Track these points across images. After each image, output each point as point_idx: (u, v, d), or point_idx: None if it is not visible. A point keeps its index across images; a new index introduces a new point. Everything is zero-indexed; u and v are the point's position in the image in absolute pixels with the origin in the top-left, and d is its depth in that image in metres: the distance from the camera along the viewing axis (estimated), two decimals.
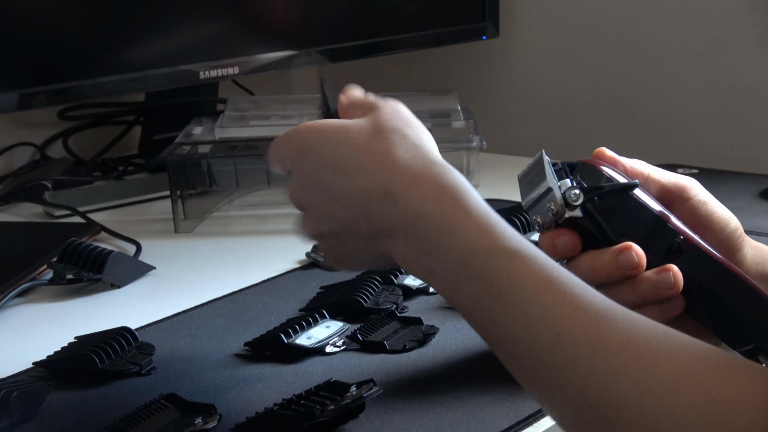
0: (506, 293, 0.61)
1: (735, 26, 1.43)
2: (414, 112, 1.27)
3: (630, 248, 0.69)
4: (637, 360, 0.57)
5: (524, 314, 0.60)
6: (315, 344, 0.81)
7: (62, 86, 1.21)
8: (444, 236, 0.63)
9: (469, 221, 0.63)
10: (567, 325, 0.59)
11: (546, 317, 0.59)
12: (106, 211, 1.27)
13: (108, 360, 0.79)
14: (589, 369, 0.57)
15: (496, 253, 0.62)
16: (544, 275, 0.61)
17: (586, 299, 0.60)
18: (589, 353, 0.58)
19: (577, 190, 0.69)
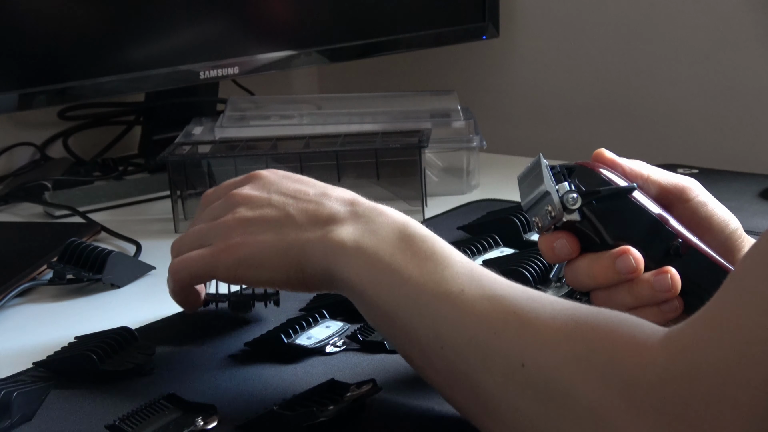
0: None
1: (735, 26, 1.43)
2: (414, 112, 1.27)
3: (628, 252, 0.69)
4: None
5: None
6: (315, 344, 0.81)
7: (62, 86, 1.21)
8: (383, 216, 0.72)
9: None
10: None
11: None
12: (106, 211, 1.27)
13: (108, 360, 0.79)
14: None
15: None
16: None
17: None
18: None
19: (574, 194, 0.69)
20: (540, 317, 0.60)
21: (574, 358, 0.57)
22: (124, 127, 1.50)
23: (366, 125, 1.26)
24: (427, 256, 0.68)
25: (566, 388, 0.57)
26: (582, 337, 0.58)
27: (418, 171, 1.15)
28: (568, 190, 0.69)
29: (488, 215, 1.08)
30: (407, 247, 0.69)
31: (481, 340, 0.61)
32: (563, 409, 0.57)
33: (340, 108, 1.32)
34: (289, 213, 0.75)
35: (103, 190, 1.31)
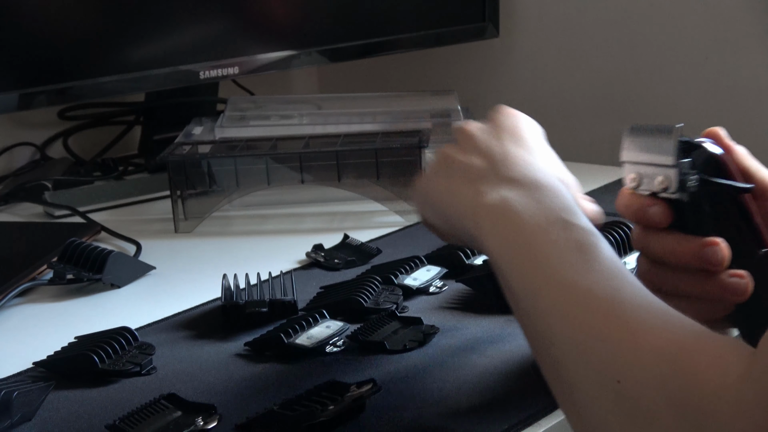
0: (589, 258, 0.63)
1: (735, 26, 1.43)
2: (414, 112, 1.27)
3: (718, 244, 0.69)
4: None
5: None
6: (315, 344, 0.81)
7: (62, 86, 1.21)
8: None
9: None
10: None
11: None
12: (106, 211, 1.27)
13: (108, 360, 0.79)
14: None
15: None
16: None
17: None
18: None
19: (696, 176, 0.69)
20: (646, 331, 0.58)
21: (660, 379, 0.55)
22: (124, 127, 1.51)
23: (366, 125, 1.26)
24: (576, 245, 0.64)
25: (650, 410, 0.55)
26: (670, 357, 0.56)
27: (418, 171, 1.15)
28: (689, 171, 0.69)
29: None
30: (561, 232, 0.65)
31: (589, 345, 0.59)
32: (648, 430, 0.55)
33: (340, 108, 1.32)
34: (470, 165, 0.72)
35: (103, 190, 1.31)
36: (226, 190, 1.17)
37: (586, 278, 0.62)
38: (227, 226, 1.18)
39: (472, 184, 0.70)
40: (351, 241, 1.07)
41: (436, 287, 0.94)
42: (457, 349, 0.81)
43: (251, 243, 1.12)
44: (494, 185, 0.69)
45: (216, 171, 1.17)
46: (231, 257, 1.08)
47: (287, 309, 0.88)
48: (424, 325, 0.84)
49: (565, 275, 0.62)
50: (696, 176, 0.69)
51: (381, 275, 0.93)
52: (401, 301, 0.90)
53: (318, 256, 1.03)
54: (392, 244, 1.07)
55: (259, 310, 0.88)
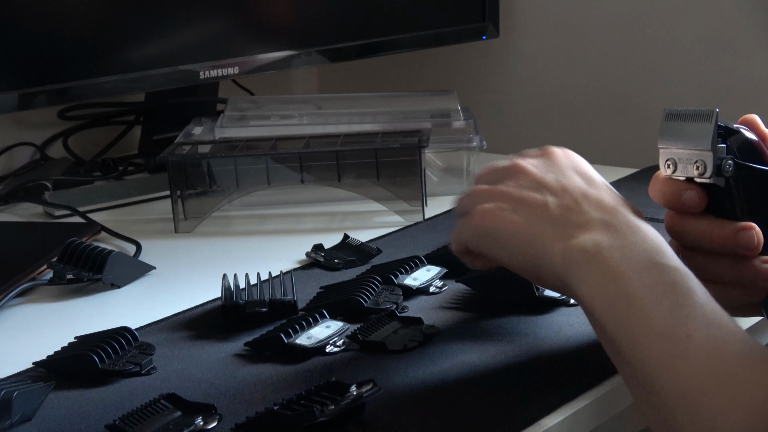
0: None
1: (735, 26, 1.43)
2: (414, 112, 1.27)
3: (753, 229, 0.69)
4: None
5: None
6: (315, 344, 0.81)
7: (62, 86, 1.21)
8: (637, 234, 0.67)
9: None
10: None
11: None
12: (106, 211, 1.27)
13: (108, 360, 0.79)
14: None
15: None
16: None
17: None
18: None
19: (731, 161, 0.68)
20: (750, 384, 0.58)
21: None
22: (124, 127, 1.51)
23: (366, 125, 1.26)
24: (671, 289, 0.63)
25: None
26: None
27: (418, 171, 1.15)
28: (726, 156, 0.69)
29: None
30: (654, 274, 0.64)
31: (692, 399, 0.58)
32: None
33: (340, 108, 1.32)
34: (545, 203, 0.71)
35: (103, 190, 1.31)
36: (226, 190, 1.17)
37: (684, 326, 0.61)
38: (227, 226, 1.18)
39: (558, 226, 0.69)
40: (351, 241, 1.07)
41: (436, 287, 0.94)
42: (457, 349, 0.81)
43: (251, 243, 1.12)
44: (583, 228, 0.68)
45: (216, 171, 1.17)
46: (231, 257, 1.08)
47: (287, 309, 0.88)
48: (424, 325, 0.84)
49: (663, 324, 0.62)
50: (732, 161, 0.68)
51: (381, 275, 0.93)
52: (401, 301, 0.90)
53: (318, 256, 1.03)
54: (392, 244, 1.07)
55: (259, 310, 0.88)
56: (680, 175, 0.70)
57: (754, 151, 0.70)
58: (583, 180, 0.73)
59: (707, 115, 0.69)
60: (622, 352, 0.63)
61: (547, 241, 0.69)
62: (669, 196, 0.71)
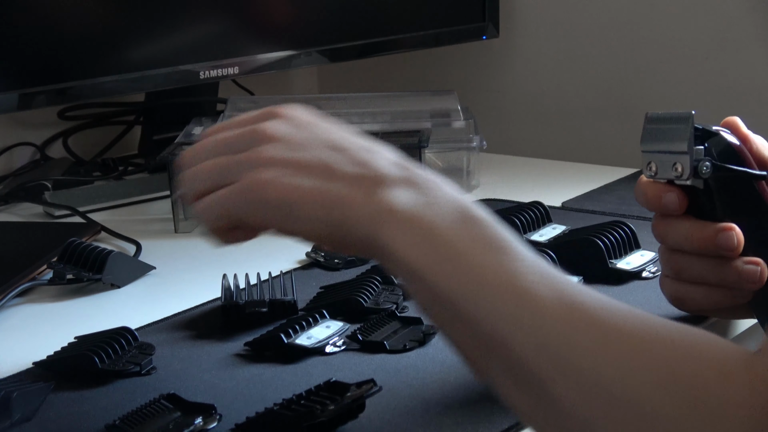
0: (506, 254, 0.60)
1: (735, 26, 1.43)
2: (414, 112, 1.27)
3: (733, 230, 0.69)
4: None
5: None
6: (315, 344, 0.81)
7: (62, 86, 1.21)
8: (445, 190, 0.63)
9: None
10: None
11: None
12: (106, 211, 1.27)
13: (108, 360, 0.79)
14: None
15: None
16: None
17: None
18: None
19: (709, 163, 0.69)
20: (621, 333, 0.56)
21: (659, 384, 0.54)
22: (124, 127, 1.50)
23: (366, 125, 1.26)
24: (492, 243, 0.60)
25: (651, 412, 0.53)
26: (666, 361, 0.54)
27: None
28: (704, 157, 0.69)
29: None
30: (470, 228, 0.61)
31: (556, 349, 0.56)
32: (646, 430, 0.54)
33: (340, 108, 1.32)
34: (330, 164, 0.64)
35: (103, 190, 1.31)
36: None
37: (517, 278, 0.58)
38: None
39: (355, 186, 0.63)
40: None
41: None
42: None
43: (251, 243, 1.12)
44: (384, 186, 0.63)
45: None
46: (231, 257, 1.07)
47: (287, 309, 0.88)
48: (424, 325, 0.84)
49: (498, 277, 0.58)
50: (709, 162, 0.69)
51: (381, 275, 0.93)
52: (401, 301, 0.90)
53: (318, 256, 1.03)
54: None
55: (259, 310, 0.88)
56: (661, 177, 0.71)
57: (733, 153, 0.71)
58: (349, 135, 0.67)
59: (684, 118, 0.70)
60: (461, 309, 0.59)
61: (348, 204, 0.63)
62: (651, 199, 0.71)
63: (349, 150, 0.65)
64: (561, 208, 1.19)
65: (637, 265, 0.95)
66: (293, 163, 0.65)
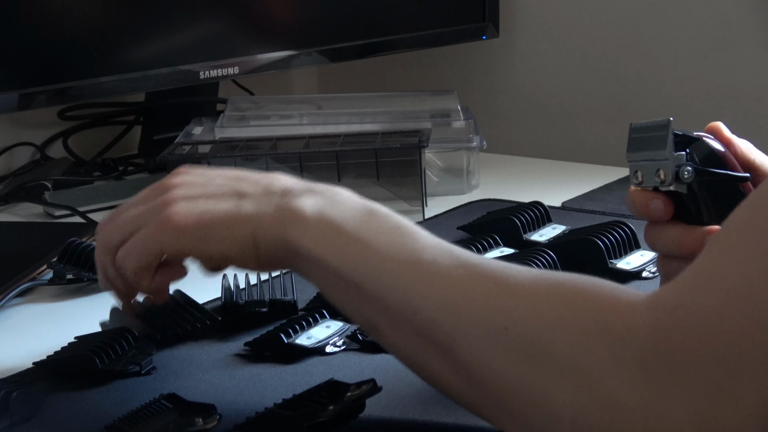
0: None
1: (735, 26, 1.43)
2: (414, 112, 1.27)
3: None
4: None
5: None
6: (315, 344, 0.81)
7: (62, 86, 1.21)
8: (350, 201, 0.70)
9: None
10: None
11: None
12: (106, 211, 1.26)
13: (108, 360, 0.79)
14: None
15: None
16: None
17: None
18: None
19: (690, 167, 0.69)
20: (519, 282, 0.60)
21: (559, 319, 0.57)
22: (124, 127, 1.50)
23: (366, 125, 1.26)
24: (394, 229, 0.66)
25: (552, 349, 0.57)
26: (565, 299, 0.58)
27: (418, 171, 1.15)
28: (685, 162, 0.69)
29: (488, 215, 1.08)
30: (372, 220, 0.67)
31: (458, 305, 0.61)
32: (549, 370, 0.56)
33: (340, 108, 1.32)
34: (236, 188, 0.71)
35: (103, 190, 1.31)
36: None
37: (420, 253, 0.64)
38: None
39: (260, 201, 0.70)
40: None
41: None
42: None
43: None
44: (288, 195, 0.70)
45: None
46: None
47: (287, 309, 0.88)
48: None
49: (402, 257, 0.64)
50: (690, 167, 0.69)
51: None
52: None
53: None
54: None
55: (259, 310, 0.88)
56: (647, 185, 0.71)
57: (716, 157, 0.71)
58: (241, 172, 0.74)
59: (663, 125, 0.71)
60: (366, 288, 0.65)
61: (258, 218, 0.69)
62: (639, 207, 0.73)
63: (250, 177, 0.72)
64: (561, 208, 1.19)
65: (637, 265, 0.95)
66: (201, 195, 0.71)
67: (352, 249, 0.66)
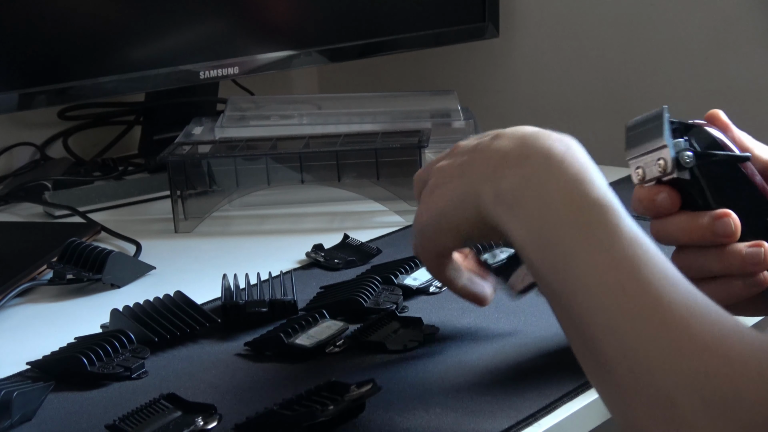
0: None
1: (735, 26, 1.43)
2: (414, 112, 1.27)
3: (729, 216, 0.69)
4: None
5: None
6: (315, 344, 0.81)
7: (62, 86, 1.21)
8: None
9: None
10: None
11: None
12: (106, 211, 1.27)
13: (98, 363, 0.78)
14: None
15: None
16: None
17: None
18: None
19: (690, 152, 0.69)
20: (703, 330, 0.57)
21: (693, 380, 0.56)
22: (124, 127, 1.51)
23: (366, 125, 1.26)
24: (613, 240, 0.62)
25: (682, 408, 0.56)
26: (704, 360, 0.56)
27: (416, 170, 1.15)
28: (684, 147, 0.69)
29: None
30: (576, 214, 0.64)
31: (622, 333, 0.59)
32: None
33: (340, 108, 1.32)
34: (468, 160, 0.73)
35: (103, 190, 1.31)
36: (226, 190, 1.17)
37: (616, 270, 0.61)
38: (227, 226, 1.18)
39: (486, 170, 0.70)
40: (351, 241, 1.07)
41: (436, 287, 0.94)
42: (457, 349, 0.81)
43: (251, 243, 1.12)
44: (506, 167, 0.70)
45: (216, 171, 1.17)
46: (231, 257, 1.08)
47: (287, 309, 0.89)
48: (424, 325, 0.84)
49: (595, 268, 0.61)
50: (691, 152, 0.69)
51: (381, 275, 0.93)
52: (401, 301, 0.90)
53: (318, 256, 1.03)
54: (392, 244, 1.07)
55: (259, 310, 0.88)
56: (650, 179, 0.71)
57: (714, 142, 0.71)
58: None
59: (658, 115, 0.71)
60: (562, 298, 0.63)
61: (477, 191, 0.70)
62: (646, 204, 0.72)
63: (484, 142, 0.76)
64: None
65: None
66: (447, 167, 0.74)
67: (548, 248, 0.64)
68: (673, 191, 0.71)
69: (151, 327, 0.84)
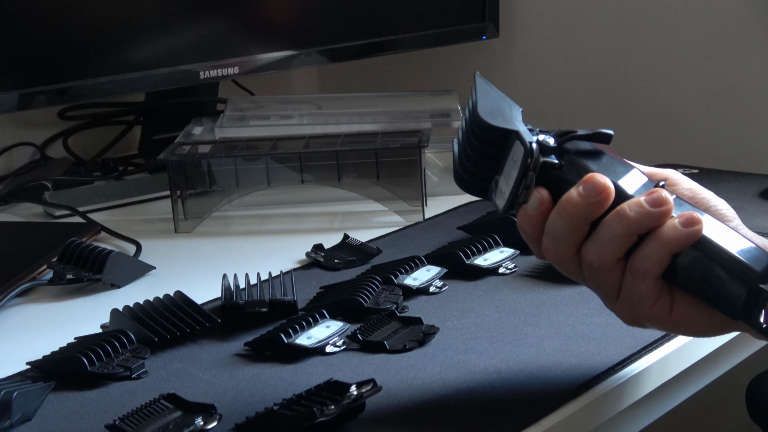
0: None
1: (735, 26, 1.43)
2: (414, 112, 1.27)
3: (592, 175, 0.67)
4: None
5: None
6: (315, 344, 0.81)
7: (62, 86, 1.21)
8: None
9: None
10: None
11: None
12: (106, 211, 1.27)
13: (98, 363, 0.78)
14: None
15: None
16: None
17: None
18: None
19: (549, 135, 0.69)
20: None
21: None
22: (124, 127, 1.51)
23: (366, 125, 1.26)
24: None
25: None
26: None
27: (418, 171, 1.15)
28: (541, 137, 0.69)
29: (488, 215, 1.08)
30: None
31: None
32: None
33: (340, 108, 1.32)
34: None
35: (103, 190, 1.31)
36: (226, 190, 1.17)
37: None
38: (227, 226, 1.18)
39: None
40: (351, 241, 1.07)
41: (436, 287, 0.94)
42: (457, 349, 0.81)
43: (251, 243, 1.12)
44: None
45: (216, 171, 1.17)
46: (231, 257, 1.08)
47: (287, 309, 0.89)
48: (424, 325, 0.84)
49: None
50: (550, 135, 0.69)
51: (381, 275, 0.93)
52: (401, 301, 0.90)
53: (318, 256, 1.03)
54: (392, 244, 1.07)
55: (259, 310, 0.88)
56: (523, 186, 0.69)
57: (567, 132, 0.71)
58: None
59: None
60: None
61: None
62: (524, 222, 0.69)
63: None
64: None
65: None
66: None
67: None
68: (543, 189, 0.69)
69: (151, 327, 0.84)
